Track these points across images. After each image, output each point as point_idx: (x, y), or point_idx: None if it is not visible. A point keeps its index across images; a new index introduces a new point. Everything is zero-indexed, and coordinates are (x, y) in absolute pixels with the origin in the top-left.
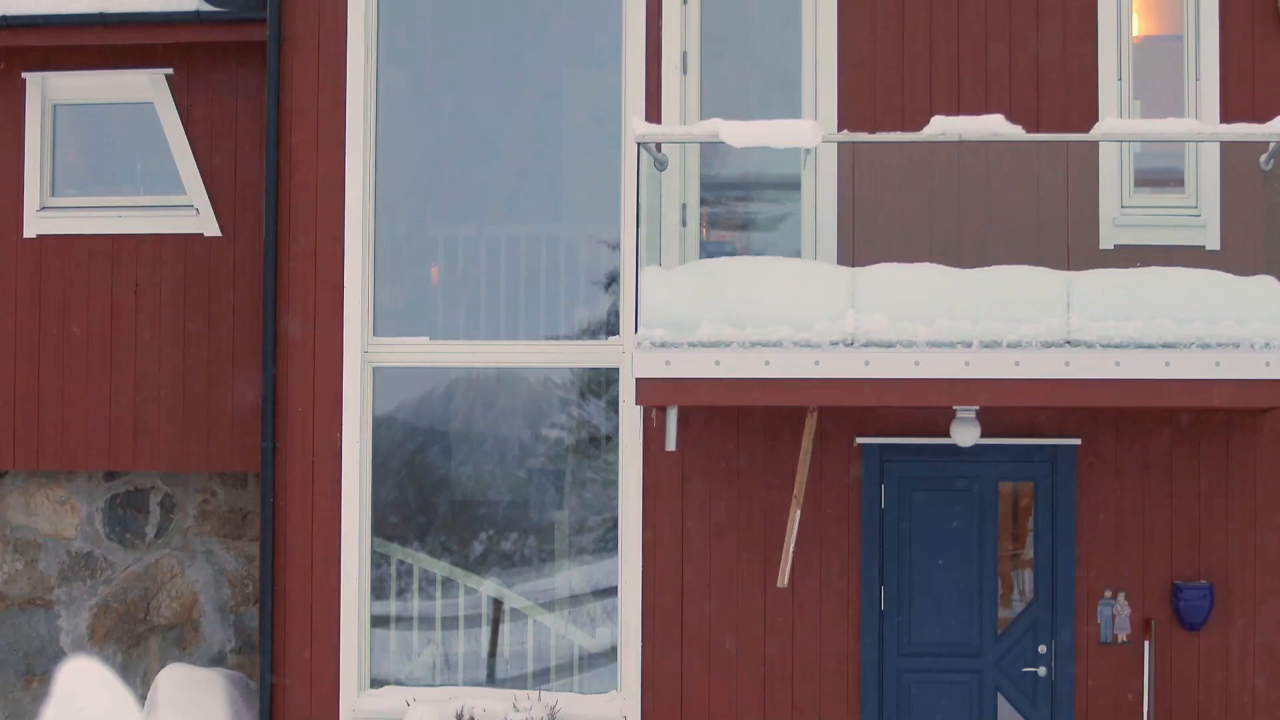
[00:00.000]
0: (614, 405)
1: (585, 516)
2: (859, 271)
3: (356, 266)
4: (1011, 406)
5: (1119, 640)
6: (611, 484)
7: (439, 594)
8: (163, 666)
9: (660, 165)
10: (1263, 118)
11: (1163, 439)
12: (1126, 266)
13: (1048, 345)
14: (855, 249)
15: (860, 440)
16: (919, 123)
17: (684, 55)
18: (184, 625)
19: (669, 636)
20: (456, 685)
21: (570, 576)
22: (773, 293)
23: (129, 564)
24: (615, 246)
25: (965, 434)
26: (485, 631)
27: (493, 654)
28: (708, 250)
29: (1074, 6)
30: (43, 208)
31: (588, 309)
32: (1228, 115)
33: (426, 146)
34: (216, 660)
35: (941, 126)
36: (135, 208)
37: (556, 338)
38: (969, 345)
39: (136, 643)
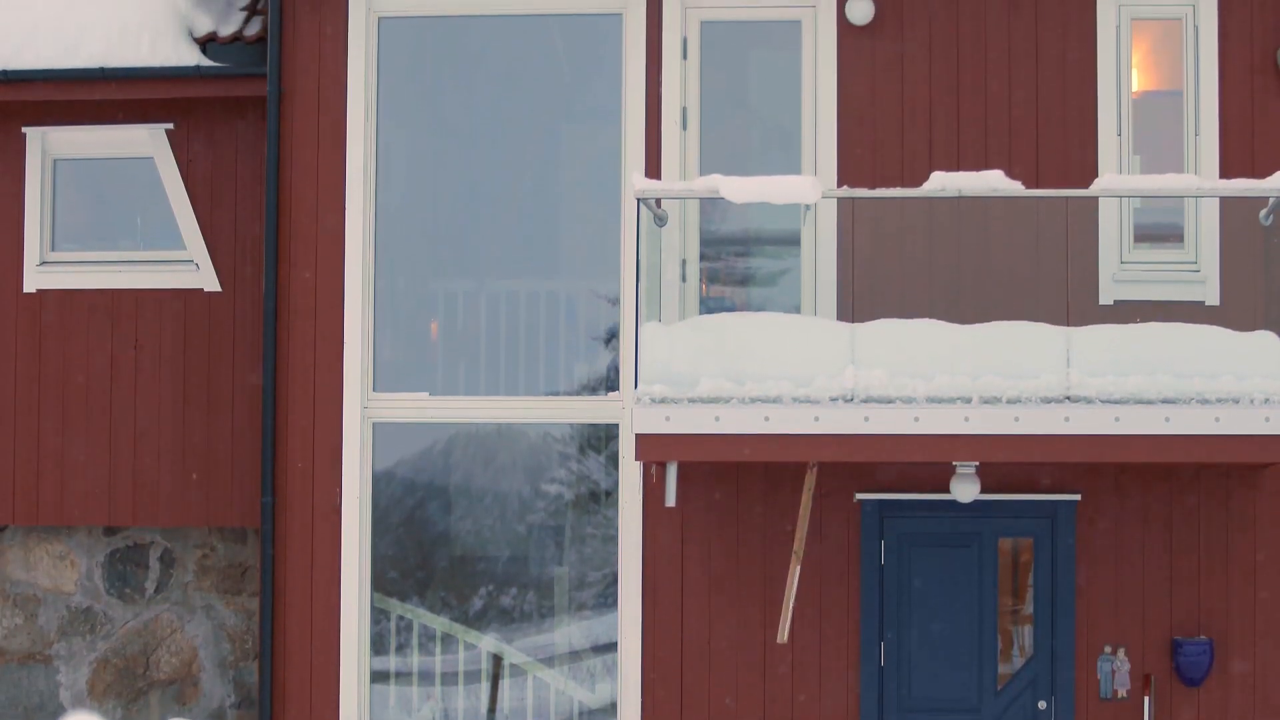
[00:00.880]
0: (614, 461)
1: (585, 572)
2: (858, 327)
3: (356, 322)
4: (1011, 462)
5: (1119, 696)
6: (611, 539)
7: (438, 649)
8: None
9: (660, 221)
10: (1262, 173)
11: (1162, 494)
12: (1126, 322)
13: (1047, 401)
14: (855, 304)
15: (860, 496)
16: (919, 178)
17: (684, 111)
18: (184, 681)
19: (669, 692)
20: None
21: (570, 632)
22: (772, 348)
23: (129, 619)
24: (615, 302)
25: (965, 490)
26: (485, 687)
27: (492, 710)
28: (707, 306)
29: (1073, 62)
30: (42, 262)
31: (588, 364)
32: (1227, 170)
33: (426, 201)
34: (216, 716)
35: (941, 182)
36: (135, 263)
37: (556, 393)
38: (969, 401)
39: (136, 698)
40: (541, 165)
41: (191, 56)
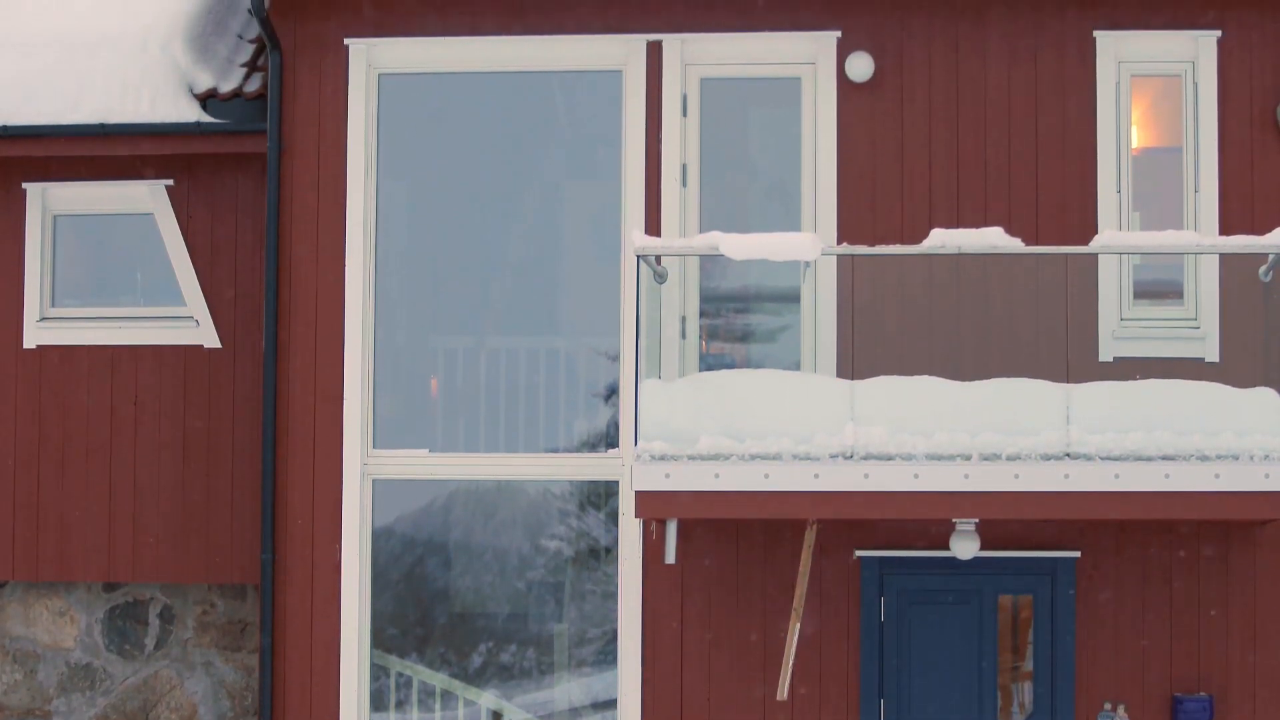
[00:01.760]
0: (613, 517)
1: (585, 629)
2: (858, 384)
3: (356, 378)
4: (1011, 519)
5: None
6: (611, 596)
7: (438, 706)
8: None
9: (660, 278)
10: (1262, 229)
11: (1162, 551)
12: (1126, 378)
13: (1047, 458)
14: (855, 361)
15: (860, 553)
16: (919, 235)
17: (684, 168)
18: None
19: None
20: None
21: (570, 689)
22: (772, 405)
23: (128, 675)
24: (615, 358)
25: (965, 547)
26: None
27: None
28: (707, 363)
29: (1073, 118)
30: (43, 318)
31: (587, 421)
32: (1227, 227)
33: (426, 258)
34: None
35: (941, 239)
36: (135, 319)
37: (556, 450)
38: (968, 458)
39: None
40: (541, 222)
41: (192, 113)
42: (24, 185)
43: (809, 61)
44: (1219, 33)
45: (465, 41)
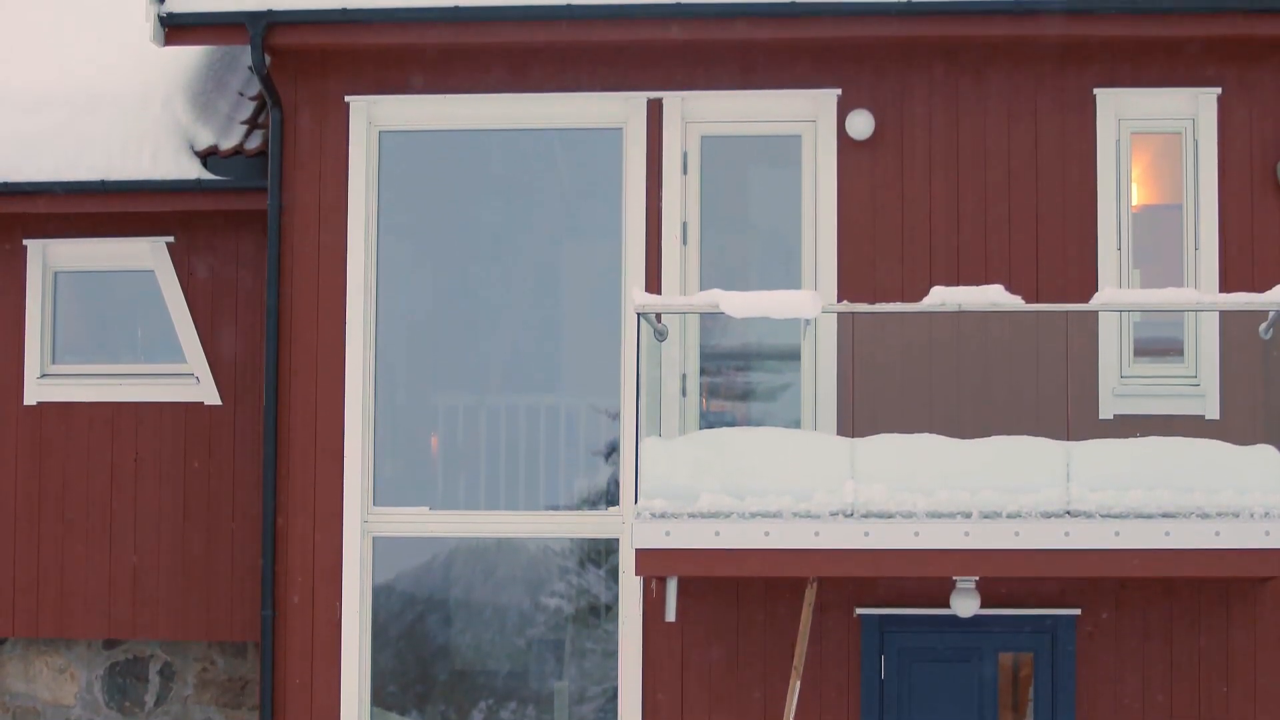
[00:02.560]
0: (614, 575)
1: (585, 686)
2: (858, 442)
3: (356, 436)
4: (1011, 577)
5: None
6: (611, 654)
7: None
8: None
9: (660, 336)
10: (1262, 286)
11: (1162, 608)
12: (1126, 436)
13: (1047, 515)
14: (855, 419)
15: (860, 611)
16: (919, 293)
17: (684, 225)
18: None
19: None
20: None
21: None
22: (772, 463)
23: None
24: (615, 416)
25: (965, 604)
26: None
27: None
28: (708, 420)
29: (1073, 176)
30: (43, 375)
31: (587, 479)
32: (1227, 284)
33: (427, 316)
34: None
35: (941, 297)
36: (135, 376)
37: (556, 507)
38: (969, 516)
39: None
40: (542, 279)
41: (193, 170)
42: (25, 242)
43: (809, 119)
44: (1219, 90)
45: (466, 99)
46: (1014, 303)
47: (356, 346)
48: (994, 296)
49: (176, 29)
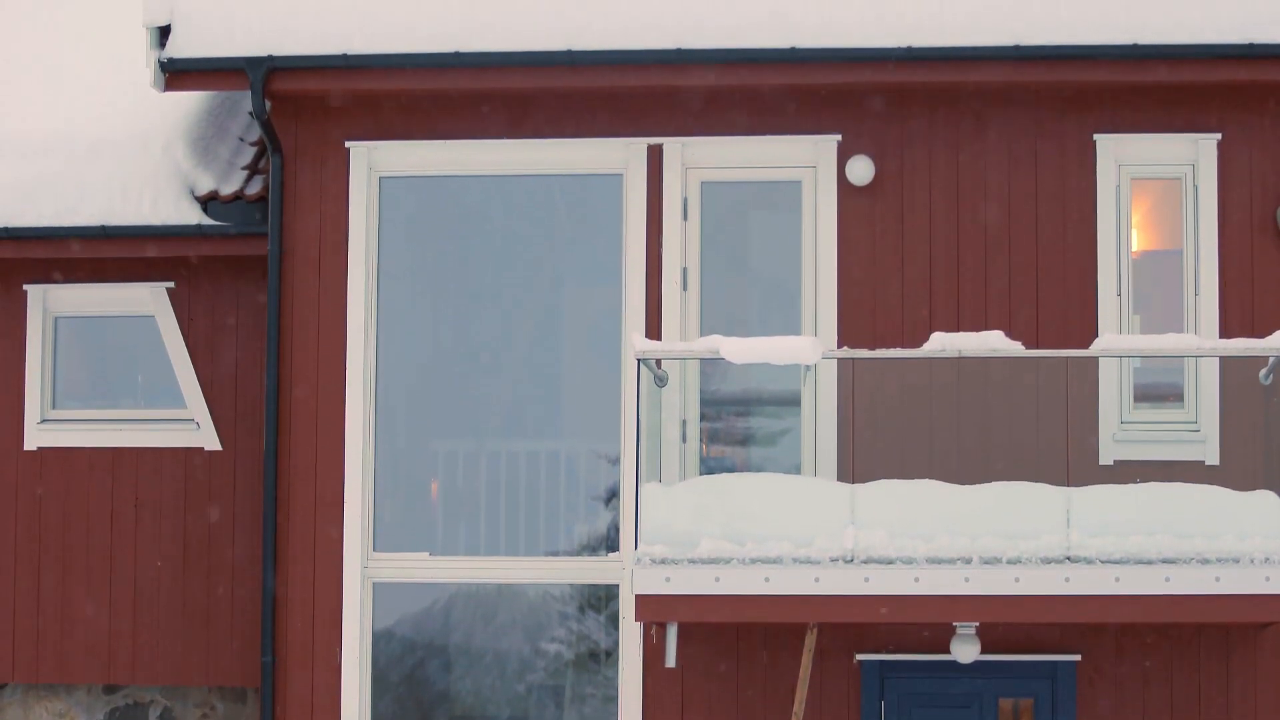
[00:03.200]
0: (614, 620)
1: None
2: (859, 488)
3: (356, 481)
4: (1011, 622)
5: None
6: (611, 700)
7: None
8: None
9: (660, 381)
10: (1262, 332)
11: (1163, 654)
12: (1126, 482)
13: (1047, 561)
14: (855, 464)
15: (860, 656)
16: (919, 338)
17: (684, 271)
18: None
19: None
20: None
21: None
22: (773, 509)
23: None
24: (615, 461)
25: (965, 650)
26: None
27: None
28: (708, 466)
29: (1073, 222)
30: (43, 420)
31: (587, 525)
32: (1227, 330)
33: (427, 360)
34: None
35: (941, 342)
36: (136, 421)
37: (556, 553)
38: (969, 561)
39: None
40: (542, 324)
41: (193, 215)
42: (25, 287)
43: (809, 165)
44: (1219, 136)
45: (466, 145)
46: (1014, 348)
47: (357, 391)
48: (994, 342)
49: (177, 74)
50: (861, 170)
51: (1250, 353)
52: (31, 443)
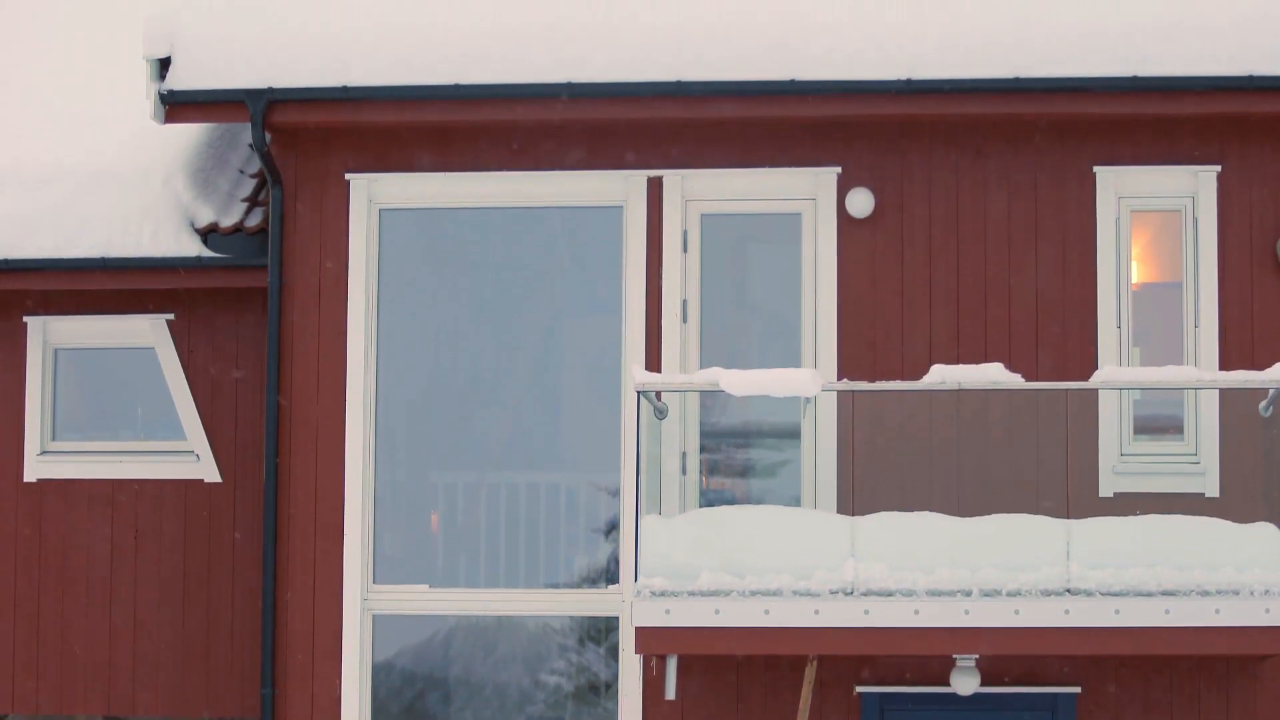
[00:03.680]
0: (614, 652)
1: None
2: (859, 520)
3: (356, 513)
4: (1012, 655)
5: None
6: None
7: None
8: None
9: (660, 414)
10: (1262, 364)
11: (1163, 686)
12: (1126, 514)
13: (1048, 593)
14: (855, 496)
15: (860, 689)
16: (919, 370)
17: (684, 303)
18: None
19: None
20: None
21: None
22: (772, 542)
23: None
24: (615, 494)
25: (965, 682)
26: None
27: None
28: (708, 498)
29: (1073, 254)
30: (43, 452)
31: (587, 556)
32: (1227, 362)
33: (427, 393)
34: None
35: (941, 375)
36: (135, 453)
37: (556, 585)
38: (969, 594)
39: None
40: (542, 357)
41: (193, 247)
42: (25, 319)
43: (809, 197)
44: (1219, 168)
45: (466, 177)
46: (1014, 381)
47: (356, 423)
48: (994, 375)
49: (177, 106)
50: (861, 202)
51: (1250, 385)
52: (31, 474)
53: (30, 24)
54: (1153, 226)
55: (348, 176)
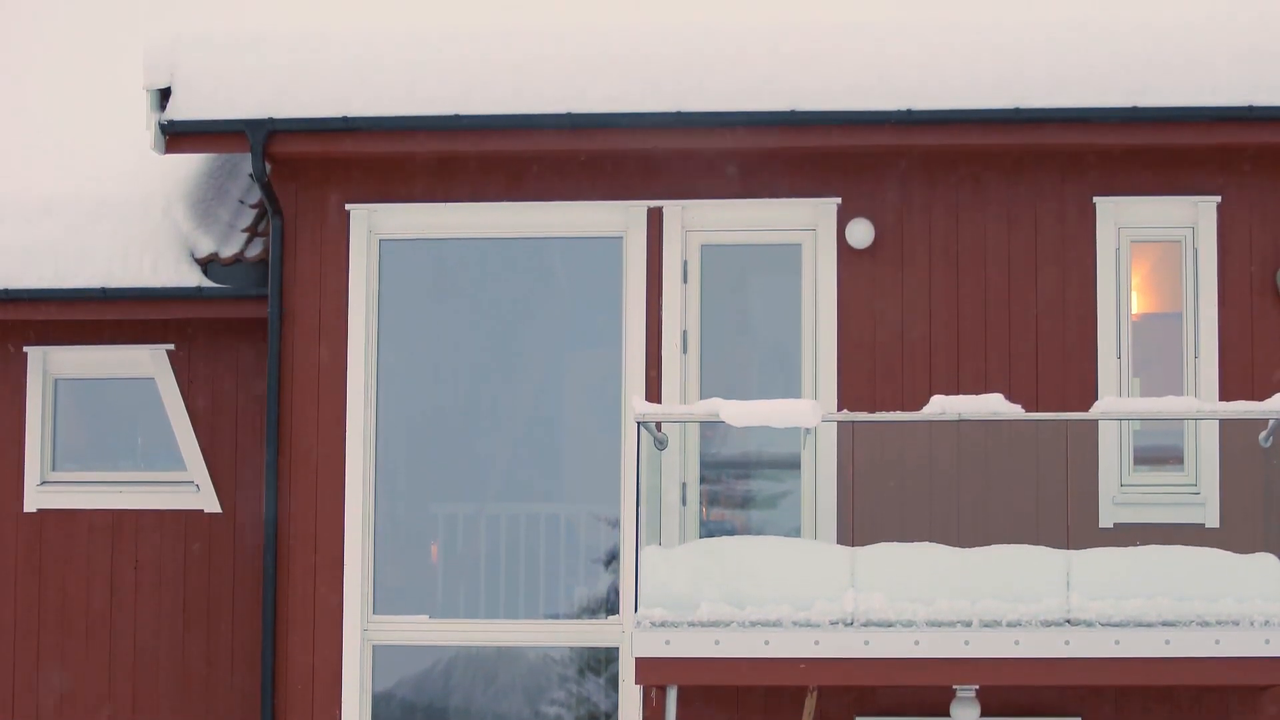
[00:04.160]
0: (613, 683)
1: None
2: (858, 551)
3: (357, 543)
4: (1012, 685)
5: None
6: None
7: None
8: None
9: (660, 444)
10: (1261, 394)
11: (1163, 716)
12: (1126, 544)
13: (1048, 624)
14: (855, 527)
15: (860, 719)
16: (919, 401)
17: (684, 334)
18: None
19: None
20: None
21: None
22: (772, 572)
23: None
24: (615, 524)
25: (965, 713)
26: None
27: None
28: (708, 529)
29: (1073, 285)
30: (43, 482)
31: (587, 587)
32: (1227, 392)
33: (427, 423)
34: None
35: (941, 405)
36: (136, 483)
37: (556, 616)
38: (969, 625)
39: None
40: (542, 387)
41: (193, 277)
42: (25, 349)
43: (809, 228)
44: (1219, 198)
45: (466, 207)
46: (1014, 411)
47: (356, 454)
48: (994, 405)
49: (177, 137)
50: (861, 233)
51: (1250, 415)
52: (31, 504)
53: (30, 54)
54: (1153, 257)
55: (348, 207)
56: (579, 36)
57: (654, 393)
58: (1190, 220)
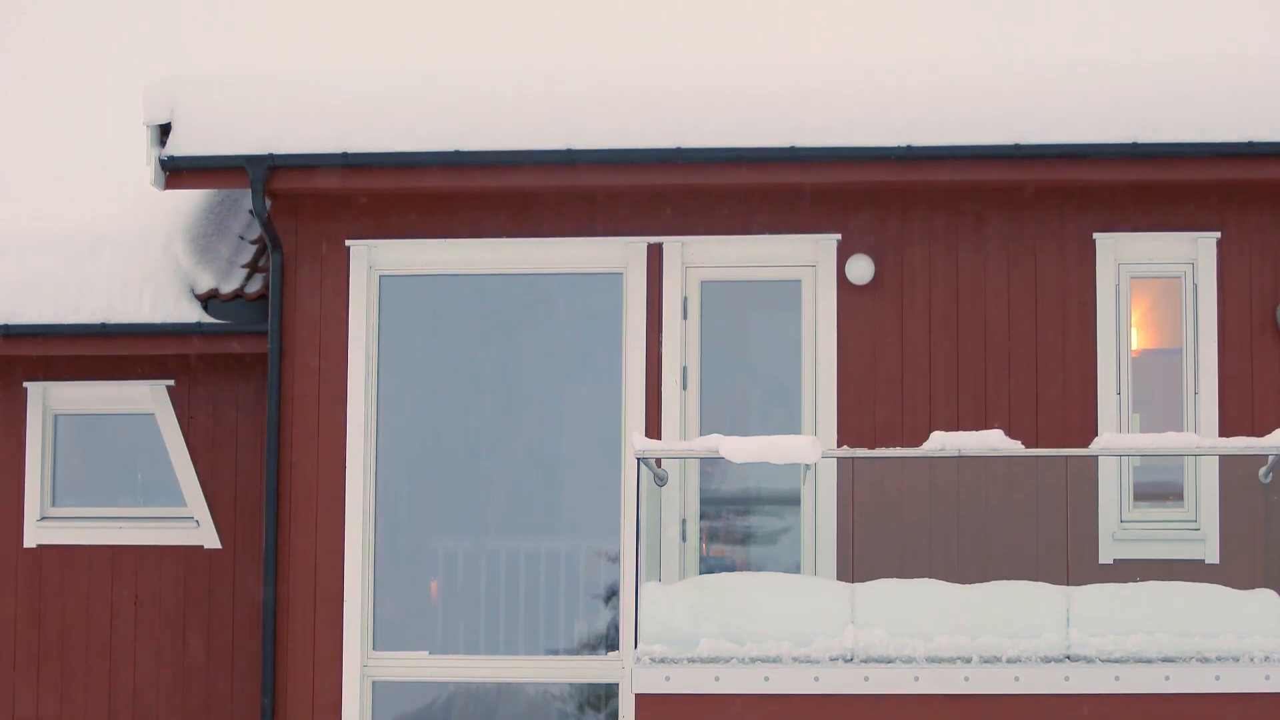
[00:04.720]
0: (614, 719)
1: None
2: (858, 587)
3: (356, 580)
4: None
5: None
6: None
7: None
8: None
9: (660, 480)
10: (1262, 430)
11: None
12: (1126, 580)
13: (1047, 660)
14: (855, 563)
15: None
16: (919, 437)
17: (684, 370)
18: None
19: None
20: None
21: None
22: (772, 608)
23: None
24: (615, 559)
25: None
26: None
27: None
28: (707, 565)
29: (1073, 321)
30: (43, 518)
31: (587, 623)
32: (1226, 428)
33: (427, 460)
34: None
35: (941, 441)
36: (135, 519)
37: (556, 652)
38: (968, 660)
39: None
40: (542, 423)
41: (193, 313)
42: (25, 384)
43: (809, 264)
44: (1218, 234)
45: (466, 243)
46: (1014, 448)
47: (357, 490)
48: (994, 441)
49: (177, 173)
50: (861, 269)
51: (1250, 451)
52: (31, 540)
53: (30, 88)
54: (1152, 293)
55: (348, 243)
56: (579, 74)
57: (654, 428)
58: (1190, 256)
